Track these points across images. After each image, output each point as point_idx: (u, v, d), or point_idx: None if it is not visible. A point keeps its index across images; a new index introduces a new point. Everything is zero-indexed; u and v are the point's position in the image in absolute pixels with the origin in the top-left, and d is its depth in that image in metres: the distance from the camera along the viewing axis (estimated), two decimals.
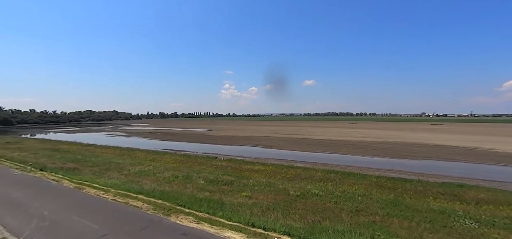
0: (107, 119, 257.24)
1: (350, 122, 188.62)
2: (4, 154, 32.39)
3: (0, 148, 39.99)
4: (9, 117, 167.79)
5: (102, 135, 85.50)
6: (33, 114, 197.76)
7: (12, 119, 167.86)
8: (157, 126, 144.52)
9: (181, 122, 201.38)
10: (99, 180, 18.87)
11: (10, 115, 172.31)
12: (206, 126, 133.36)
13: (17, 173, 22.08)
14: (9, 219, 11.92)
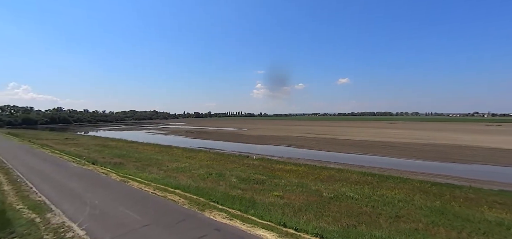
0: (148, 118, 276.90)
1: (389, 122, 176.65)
2: (63, 149, 36.73)
3: (60, 143, 45.44)
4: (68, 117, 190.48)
5: (144, 133, 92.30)
6: (86, 113, 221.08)
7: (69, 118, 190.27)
8: (192, 125, 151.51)
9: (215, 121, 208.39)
10: (141, 175, 20.39)
11: (68, 115, 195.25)
12: (238, 126, 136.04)
13: (73, 166, 24.88)
14: (67, 206, 13.48)
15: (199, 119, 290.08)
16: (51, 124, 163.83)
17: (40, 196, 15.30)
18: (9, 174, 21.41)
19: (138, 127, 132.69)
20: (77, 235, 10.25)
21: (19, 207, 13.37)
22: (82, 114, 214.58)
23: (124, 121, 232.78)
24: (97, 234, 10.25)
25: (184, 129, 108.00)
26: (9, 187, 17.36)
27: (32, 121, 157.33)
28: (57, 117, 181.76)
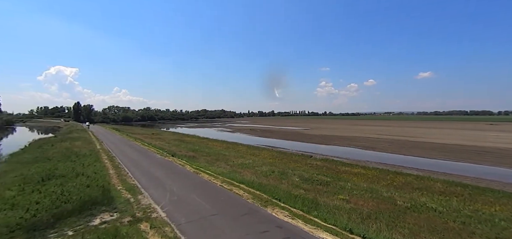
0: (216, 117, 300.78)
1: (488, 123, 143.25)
2: (150, 142, 43.34)
3: (148, 137, 53.74)
4: (154, 115, 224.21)
5: (213, 130, 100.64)
6: (168, 112, 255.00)
7: (155, 116, 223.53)
8: (256, 123, 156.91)
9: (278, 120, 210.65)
10: (211, 168, 22.30)
11: (154, 113, 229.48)
12: (301, 125, 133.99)
13: (158, 157, 29.04)
14: (153, 191, 15.85)
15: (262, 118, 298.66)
16: (142, 121, 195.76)
17: (134, 180, 18.44)
18: (113, 160, 26.53)
19: (208, 125, 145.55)
20: (160, 216, 11.94)
21: (119, 188, 16.43)
22: (164, 113, 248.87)
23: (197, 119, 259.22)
24: (175, 217, 11.72)
25: (249, 128, 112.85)
26: (113, 171, 21.52)
27: (128, 119, 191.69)
28: (146, 115, 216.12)
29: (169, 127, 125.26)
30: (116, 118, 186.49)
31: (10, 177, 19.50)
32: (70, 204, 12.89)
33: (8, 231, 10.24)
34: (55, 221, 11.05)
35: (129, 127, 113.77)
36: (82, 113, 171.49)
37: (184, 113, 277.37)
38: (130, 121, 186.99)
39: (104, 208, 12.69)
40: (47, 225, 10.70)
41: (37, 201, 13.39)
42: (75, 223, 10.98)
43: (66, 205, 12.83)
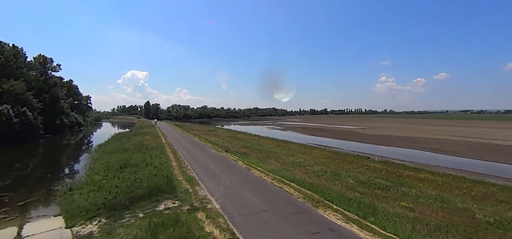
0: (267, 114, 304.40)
1: None
2: (207, 138, 46.52)
3: (205, 133, 57.78)
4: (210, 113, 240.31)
5: (264, 128, 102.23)
6: (222, 110, 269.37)
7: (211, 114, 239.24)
8: (308, 122, 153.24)
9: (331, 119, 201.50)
10: (261, 165, 22.73)
11: (210, 111, 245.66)
12: (357, 123, 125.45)
13: (213, 152, 30.98)
14: (208, 183, 16.99)
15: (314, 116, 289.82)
16: (200, 118, 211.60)
17: (192, 173, 20.07)
18: (175, 154, 29.36)
19: (260, 123, 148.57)
20: (214, 207, 12.74)
21: (180, 179, 18.10)
22: (219, 111, 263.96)
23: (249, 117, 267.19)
24: (228, 209, 12.33)
25: (300, 126, 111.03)
26: (175, 163, 23.82)
27: (188, 116, 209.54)
28: (203, 113, 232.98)
29: (223, 124, 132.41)
30: (178, 115, 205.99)
31: (98, 164, 23.45)
32: (141, 190, 14.80)
33: (95, 208, 12.35)
34: (129, 204, 12.85)
35: (188, 123, 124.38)
36: (151, 111, 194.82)
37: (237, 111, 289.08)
38: (189, 118, 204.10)
39: (168, 196, 14.17)
40: (123, 207, 12.52)
41: (117, 185, 15.77)
42: (144, 207, 12.56)
43: (138, 190, 14.78)
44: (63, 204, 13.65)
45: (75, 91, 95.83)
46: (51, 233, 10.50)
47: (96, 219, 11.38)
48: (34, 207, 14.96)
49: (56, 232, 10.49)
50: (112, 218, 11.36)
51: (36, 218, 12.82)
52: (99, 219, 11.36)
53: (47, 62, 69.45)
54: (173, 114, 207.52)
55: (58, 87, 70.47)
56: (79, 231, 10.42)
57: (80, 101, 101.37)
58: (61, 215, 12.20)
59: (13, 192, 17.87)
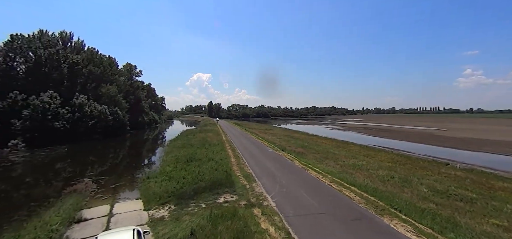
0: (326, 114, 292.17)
1: None
2: (263, 136, 47.50)
3: (262, 132, 59.09)
4: (267, 112, 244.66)
5: (322, 127, 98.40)
6: (279, 110, 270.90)
7: (268, 113, 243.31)
8: (371, 121, 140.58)
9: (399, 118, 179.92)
10: (319, 165, 21.94)
11: (267, 110, 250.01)
12: (432, 124, 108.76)
13: (270, 150, 31.42)
14: (265, 181, 17.30)
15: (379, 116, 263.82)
16: (257, 117, 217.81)
17: (249, 169, 20.78)
18: (234, 150, 30.90)
19: (318, 122, 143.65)
20: (270, 205, 12.90)
21: (238, 175, 18.96)
22: (276, 110, 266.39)
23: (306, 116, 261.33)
24: (284, 208, 12.32)
25: (362, 126, 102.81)
26: (234, 159, 25.06)
27: (246, 115, 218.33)
28: (261, 112, 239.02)
29: (280, 123, 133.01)
30: (237, 114, 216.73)
31: (169, 157, 26.52)
32: (203, 183, 16.10)
33: (167, 195, 14.01)
34: (194, 194, 14.13)
35: (246, 122, 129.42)
36: (213, 110, 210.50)
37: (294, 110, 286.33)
38: (247, 117, 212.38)
39: (227, 190, 15.02)
40: (189, 196, 13.85)
41: (184, 176, 17.55)
42: (206, 198, 13.62)
43: (201, 183, 16.12)
44: (142, 189, 15.92)
45: (153, 93, 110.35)
46: (133, 213, 12.38)
47: (167, 205, 12.91)
48: (122, 190, 17.89)
49: (137, 213, 12.31)
50: (179, 205, 12.70)
51: (123, 199, 15.31)
52: (169, 205, 12.85)
53: (133, 69, 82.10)
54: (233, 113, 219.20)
55: (140, 90, 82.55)
56: (154, 214, 12.00)
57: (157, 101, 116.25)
58: (140, 199, 14.27)
59: (108, 176, 21.78)
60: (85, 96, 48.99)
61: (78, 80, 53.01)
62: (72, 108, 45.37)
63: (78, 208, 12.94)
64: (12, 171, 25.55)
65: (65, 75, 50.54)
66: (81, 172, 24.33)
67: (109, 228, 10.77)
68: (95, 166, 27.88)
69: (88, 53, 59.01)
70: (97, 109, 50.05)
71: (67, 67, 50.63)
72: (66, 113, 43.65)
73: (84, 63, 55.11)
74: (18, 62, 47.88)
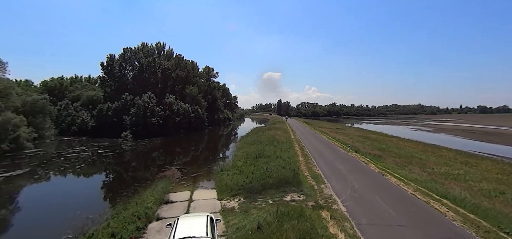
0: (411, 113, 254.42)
1: None
2: (334, 136, 45.02)
3: (333, 132, 56.14)
4: (339, 110, 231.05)
5: (405, 128, 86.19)
6: (353, 108, 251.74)
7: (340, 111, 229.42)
8: (474, 122, 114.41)
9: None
10: (400, 171, 19.33)
11: (339, 109, 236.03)
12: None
13: (341, 151, 29.57)
14: (335, 183, 16.40)
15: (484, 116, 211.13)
16: (328, 116, 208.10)
17: (318, 170, 20.07)
18: (303, 149, 30.41)
19: (400, 122, 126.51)
20: (340, 209, 12.15)
21: (306, 174, 18.57)
22: (349, 109, 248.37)
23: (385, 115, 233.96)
24: (355, 215, 11.39)
25: (460, 128, 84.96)
26: (302, 158, 24.68)
27: (316, 114, 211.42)
28: (332, 110, 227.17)
29: (354, 123, 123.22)
30: (306, 113, 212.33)
31: (240, 152, 28.21)
32: (271, 179, 16.45)
33: (237, 188, 14.95)
34: (262, 189, 14.61)
35: (316, 121, 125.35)
36: (282, 108, 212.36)
37: (371, 109, 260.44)
38: (317, 115, 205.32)
39: (294, 189, 14.93)
40: (257, 191, 14.40)
41: (253, 172, 18.34)
42: (273, 195, 13.87)
43: (268, 179, 16.52)
44: (217, 180, 17.47)
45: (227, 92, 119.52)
46: (208, 201, 13.73)
47: (237, 197, 13.78)
48: (200, 180, 20.07)
49: (211, 202, 13.59)
50: (248, 199, 13.36)
51: (201, 188, 17.16)
52: (239, 198, 13.68)
53: (210, 71, 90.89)
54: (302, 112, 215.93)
55: (216, 90, 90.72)
56: (226, 204, 13.00)
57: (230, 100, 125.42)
58: (215, 189, 15.69)
59: (189, 166, 24.84)
60: (173, 96, 57.11)
61: (168, 83, 62.18)
62: (163, 107, 53.59)
63: (167, 191, 15.23)
64: (123, 157, 32.10)
65: (159, 79, 60.14)
66: (170, 161, 28.56)
67: (188, 211, 12.28)
68: (180, 156, 32.25)
69: (176, 59, 68.48)
70: (182, 107, 57.67)
71: (160, 72, 60.15)
72: (160, 111, 51.87)
73: (173, 68, 64.24)
74: (128, 69, 59.79)
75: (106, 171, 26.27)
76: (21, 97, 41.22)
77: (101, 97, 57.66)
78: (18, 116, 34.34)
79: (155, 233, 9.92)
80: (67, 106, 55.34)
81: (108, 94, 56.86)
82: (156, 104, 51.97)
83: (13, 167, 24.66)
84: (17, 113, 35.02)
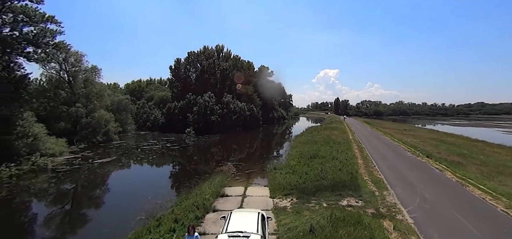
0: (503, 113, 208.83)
1: None
2: (401, 138, 40.31)
3: (399, 133, 50.37)
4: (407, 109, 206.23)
5: (495, 131, 71.24)
6: (424, 106, 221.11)
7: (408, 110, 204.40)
8: None
9: None
10: (486, 183, 16.08)
11: (407, 108, 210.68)
12: None
13: (408, 155, 26.32)
14: (400, 191, 14.67)
15: None
16: (393, 115, 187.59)
17: (380, 174, 18.30)
18: (362, 151, 28.19)
19: (487, 124, 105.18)
20: (405, 220, 10.81)
21: (365, 179, 17.14)
22: (420, 107, 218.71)
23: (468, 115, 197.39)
24: (425, 228, 9.97)
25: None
26: (361, 161, 22.89)
27: (379, 113, 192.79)
28: (398, 109, 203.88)
29: (425, 124, 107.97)
30: (368, 112, 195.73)
31: (294, 151, 27.83)
32: (325, 181, 15.75)
33: (290, 188, 14.79)
34: (315, 191, 14.10)
35: (379, 121, 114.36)
36: (340, 107, 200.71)
37: (448, 108, 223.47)
38: (380, 115, 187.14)
39: (351, 193, 13.93)
40: (310, 192, 13.96)
41: (306, 172, 17.87)
42: (328, 198, 13.22)
43: (323, 181, 15.85)
44: (270, 178, 17.62)
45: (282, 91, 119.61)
46: (261, 198, 13.96)
47: (290, 197, 13.62)
48: (254, 176, 20.60)
49: (264, 199, 13.78)
50: (301, 199, 13.06)
51: (254, 184, 17.59)
52: (292, 197, 13.49)
53: (265, 69, 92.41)
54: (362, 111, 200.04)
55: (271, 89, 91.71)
56: (278, 202, 13.00)
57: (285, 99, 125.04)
58: (268, 187, 15.86)
59: (244, 163, 25.77)
60: (230, 96, 60.08)
61: (226, 82, 65.67)
62: (222, 105, 56.87)
63: (223, 185, 16.11)
64: (186, 151, 35.38)
65: (218, 79, 63.99)
66: (226, 156, 30.17)
67: (242, 206, 12.72)
68: (236, 153, 33.74)
69: (233, 60, 71.83)
70: (238, 106, 60.19)
71: (219, 73, 63.93)
72: (218, 109, 55.25)
73: (230, 69, 67.54)
74: (191, 71, 65.51)
75: (172, 162, 29.39)
76: (111, 97, 49.48)
77: (169, 97, 64.70)
78: (108, 113, 41.38)
79: (212, 224, 10.59)
80: (143, 105, 63.97)
81: (175, 94, 63.40)
82: (215, 103, 55.54)
83: (104, 155, 29.75)
84: (107, 111, 42.22)
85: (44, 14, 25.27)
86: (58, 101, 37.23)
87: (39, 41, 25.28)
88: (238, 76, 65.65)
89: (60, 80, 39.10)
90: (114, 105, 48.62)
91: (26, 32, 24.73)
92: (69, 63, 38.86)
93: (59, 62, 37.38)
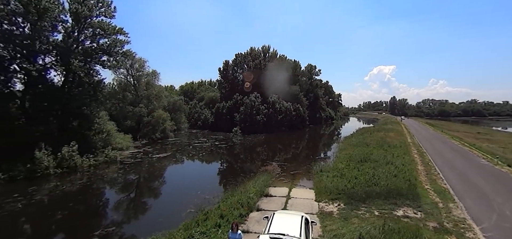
0: None
1: None
2: (473, 143, 34.65)
3: (471, 137, 43.40)
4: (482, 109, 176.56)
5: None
6: (506, 106, 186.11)
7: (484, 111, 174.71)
8: None
9: None
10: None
11: (482, 107, 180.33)
12: None
13: (483, 162, 22.48)
14: (470, 203, 12.61)
15: None
16: (463, 117, 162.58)
17: (445, 184, 16.05)
18: (423, 156, 25.15)
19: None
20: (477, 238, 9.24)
21: (426, 187, 15.23)
22: (499, 107, 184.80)
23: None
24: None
25: None
26: (421, 167, 20.43)
27: (446, 113, 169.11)
28: (470, 109, 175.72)
29: (507, 126, 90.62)
30: (431, 112, 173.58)
31: (343, 154, 26.36)
32: (378, 188, 14.47)
33: (337, 192, 14.02)
34: (365, 197, 13.08)
35: (445, 122, 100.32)
36: (397, 107, 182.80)
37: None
38: (447, 116, 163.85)
39: (408, 203, 12.52)
40: (360, 198, 12.99)
41: (356, 176, 16.71)
42: (380, 206, 12.11)
43: (375, 187, 14.60)
44: (315, 181, 17.01)
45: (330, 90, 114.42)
46: (306, 200, 13.57)
47: (336, 201, 12.91)
48: (299, 178, 20.15)
49: (309, 202, 13.35)
50: (349, 205, 12.26)
51: (299, 186, 17.19)
52: (339, 202, 12.76)
53: (312, 69, 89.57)
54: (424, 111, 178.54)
55: (318, 88, 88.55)
56: (324, 207, 12.45)
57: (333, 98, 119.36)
58: (313, 190, 15.33)
59: (289, 164, 25.45)
60: (276, 96, 60.08)
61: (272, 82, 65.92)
62: (267, 105, 57.28)
63: (267, 185, 16.16)
64: (233, 149, 36.65)
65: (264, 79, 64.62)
66: (271, 156, 30.25)
67: (285, 207, 12.54)
68: (281, 153, 33.57)
69: (279, 59, 71.63)
70: (284, 106, 59.81)
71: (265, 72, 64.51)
72: (264, 109, 55.81)
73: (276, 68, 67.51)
74: (239, 72, 67.63)
75: (220, 160, 30.79)
76: (167, 98, 54.45)
77: (218, 97, 67.99)
78: (165, 113, 45.61)
79: (255, 223, 10.70)
80: (195, 105, 68.61)
81: (223, 94, 66.33)
82: (261, 103, 56.24)
83: (162, 151, 32.83)
84: (164, 111, 46.58)
85: (115, 27, 29.05)
86: (125, 102, 42.60)
87: (112, 51, 29.17)
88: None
89: (127, 84, 44.73)
90: (170, 105, 53.31)
91: (101, 43, 28.84)
92: (134, 69, 44.18)
93: (127, 68, 42.74)
